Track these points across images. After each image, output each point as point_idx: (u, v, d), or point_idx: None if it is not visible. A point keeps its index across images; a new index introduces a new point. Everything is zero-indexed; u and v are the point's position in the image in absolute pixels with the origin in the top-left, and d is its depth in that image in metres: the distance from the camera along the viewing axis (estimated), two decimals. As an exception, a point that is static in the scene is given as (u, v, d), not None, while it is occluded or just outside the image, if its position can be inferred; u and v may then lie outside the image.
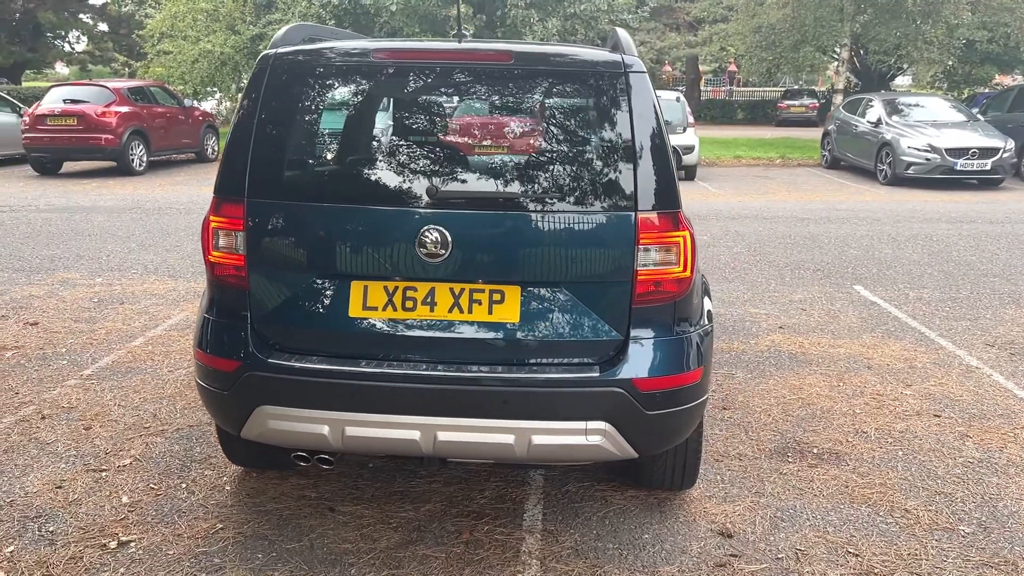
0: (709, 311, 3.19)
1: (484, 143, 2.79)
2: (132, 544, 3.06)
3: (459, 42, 2.99)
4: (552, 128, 2.84)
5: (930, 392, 4.64)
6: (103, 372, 4.84)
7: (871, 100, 16.07)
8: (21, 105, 16.75)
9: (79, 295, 6.58)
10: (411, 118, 2.89)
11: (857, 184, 14.62)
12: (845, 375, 4.90)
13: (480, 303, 2.78)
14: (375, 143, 2.95)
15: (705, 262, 7.97)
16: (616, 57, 2.83)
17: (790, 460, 3.79)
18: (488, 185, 2.78)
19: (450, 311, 2.77)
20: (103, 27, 41.32)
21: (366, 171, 2.93)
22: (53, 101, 14.80)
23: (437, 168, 2.83)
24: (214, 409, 3.01)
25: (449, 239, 2.70)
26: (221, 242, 2.89)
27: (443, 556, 2.99)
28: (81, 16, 40.00)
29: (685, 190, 15.92)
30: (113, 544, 3.05)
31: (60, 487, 3.48)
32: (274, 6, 19.64)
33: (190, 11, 20.44)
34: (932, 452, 3.88)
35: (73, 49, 42.67)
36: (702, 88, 46.87)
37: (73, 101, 14.69)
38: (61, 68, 43.89)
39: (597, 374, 2.75)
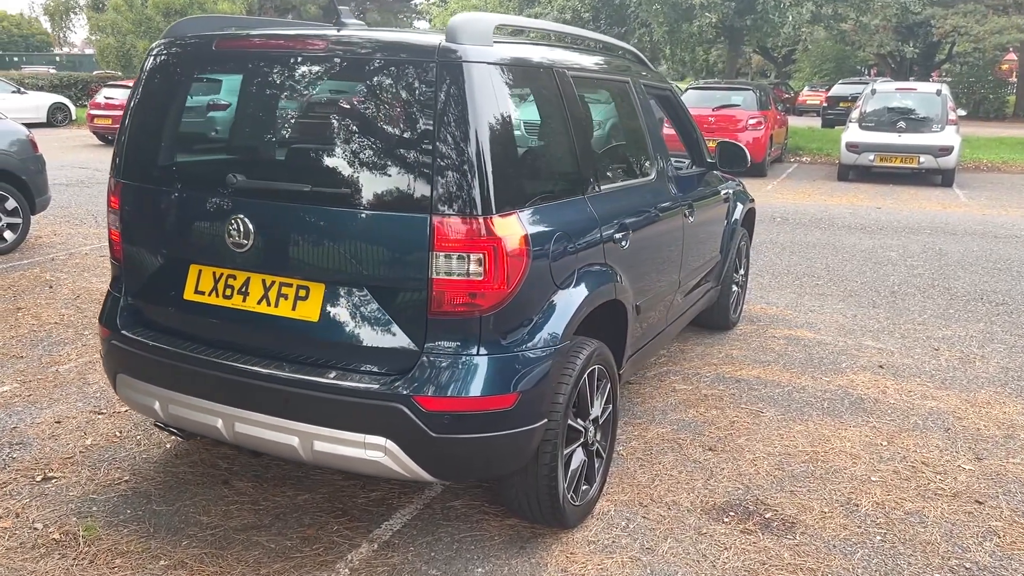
0: (551, 331, 2.77)
1: (296, 134, 2.72)
2: (53, 481, 3.46)
3: (338, 31, 2.92)
4: (361, 121, 2.66)
5: (1003, 472, 3.60)
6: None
7: None
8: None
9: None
10: (237, 106, 2.88)
11: None
12: (902, 433, 3.97)
13: (287, 298, 2.72)
14: (205, 130, 3.02)
15: (869, 281, 6.88)
16: (433, 44, 2.58)
17: (726, 520, 3.19)
18: (291, 177, 2.70)
19: (259, 303, 2.76)
20: (423, 24, 45.93)
21: (194, 158, 3.02)
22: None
23: (248, 158, 2.82)
24: (104, 371, 3.30)
25: (251, 229, 2.68)
26: (110, 220, 3.14)
27: (272, 546, 3.00)
28: (399, 15, 44.79)
29: (929, 197, 13.52)
30: (40, 478, 3.48)
31: (59, 423, 4.03)
32: (535, 1, 20.29)
33: (463, 7, 21.94)
34: (924, 545, 3.03)
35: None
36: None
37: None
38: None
39: (377, 386, 2.57)
